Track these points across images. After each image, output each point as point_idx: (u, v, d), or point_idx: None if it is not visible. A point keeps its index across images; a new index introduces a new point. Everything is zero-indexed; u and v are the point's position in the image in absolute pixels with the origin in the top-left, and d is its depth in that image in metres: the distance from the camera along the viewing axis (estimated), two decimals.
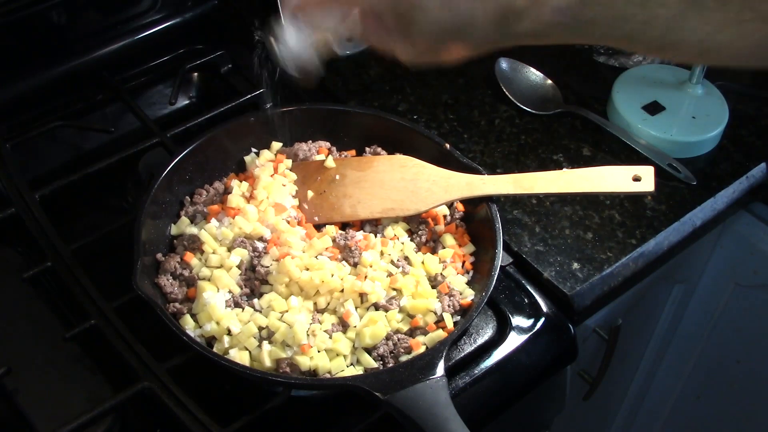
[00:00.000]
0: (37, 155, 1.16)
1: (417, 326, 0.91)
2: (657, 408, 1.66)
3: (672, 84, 1.24)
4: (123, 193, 1.12)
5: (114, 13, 1.26)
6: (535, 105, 1.24)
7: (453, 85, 1.28)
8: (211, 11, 1.34)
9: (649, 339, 1.46)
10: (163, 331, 0.84)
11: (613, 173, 0.95)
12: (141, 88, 1.26)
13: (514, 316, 0.98)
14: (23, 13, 1.15)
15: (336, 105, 1.16)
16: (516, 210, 1.11)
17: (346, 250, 0.96)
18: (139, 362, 0.85)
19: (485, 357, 0.94)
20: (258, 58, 0.93)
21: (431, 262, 0.96)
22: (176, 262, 0.93)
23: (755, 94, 1.31)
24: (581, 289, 1.03)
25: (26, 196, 0.99)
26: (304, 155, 1.06)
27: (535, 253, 1.06)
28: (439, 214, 1.01)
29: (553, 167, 1.16)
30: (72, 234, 0.96)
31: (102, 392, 0.86)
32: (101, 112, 1.23)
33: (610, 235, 1.09)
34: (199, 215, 0.99)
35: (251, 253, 0.94)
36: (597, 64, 1.32)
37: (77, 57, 1.22)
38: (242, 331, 0.87)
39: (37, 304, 0.94)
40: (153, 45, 1.28)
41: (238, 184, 1.01)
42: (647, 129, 1.18)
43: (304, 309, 0.90)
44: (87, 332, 0.88)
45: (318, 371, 0.86)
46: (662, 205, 1.13)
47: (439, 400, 0.79)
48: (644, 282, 1.11)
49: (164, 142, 1.08)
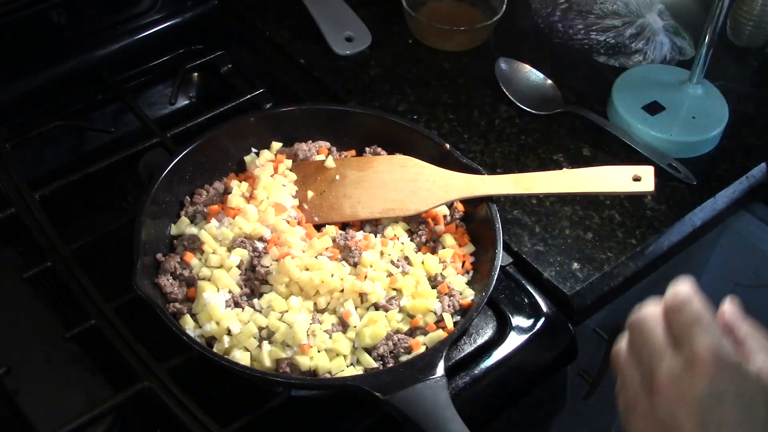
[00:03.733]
0: (37, 155, 1.16)
1: (417, 326, 0.91)
2: None
3: (672, 84, 1.24)
4: (123, 193, 1.12)
5: (114, 13, 1.26)
6: (535, 105, 1.24)
7: (453, 85, 1.28)
8: (211, 11, 1.34)
9: None
10: (163, 331, 0.84)
11: (613, 173, 0.95)
12: (141, 88, 1.26)
13: (514, 316, 0.98)
14: (23, 13, 1.15)
15: (336, 105, 1.16)
16: (516, 210, 1.11)
17: (346, 250, 0.96)
18: (139, 362, 0.85)
19: (485, 357, 0.94)
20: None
21: (431, 262, 0.96)
22: (176, 262, 0.93)
23: (755, 94, 1.31)
24: (581, 289, 1.03)
25: (26, 196, 0.99)
26: (304, 155, 1.06)
27: (535, 253, 1.06)
28: (439, 214, 1.01)
29: (553, 167, 1.16)
30: (72, 234, 0.96)
31: (102, 392, 0.86)
32: (101, 112, 1.22)
33: (610, 235, 1.09)
34: (199, 215, 0.99)
35: (251, 253, 0.94)
36: (597, 64, 1.32)
37: (77, 57, 1.22)
38: (242, 331, 0.87)
39: (37, 304, 0.94)
40: (153, 45, 1.28)
41: (238, 184, 1.01)
42: (647, 129, 1.18)
43: (304, 309, 0.90)
44: (87, 332, 0.88)
45: (318, 371, 0.86)
46: (662, 205, 1.13)
47: (439, 400, 0.79)
48: (644, 282, 1.11)
49: (164, 142, 1.08)
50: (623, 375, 0.70)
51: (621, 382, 0.71)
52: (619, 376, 0.71)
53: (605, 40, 1.29)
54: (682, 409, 0.64)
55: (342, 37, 1.31)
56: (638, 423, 0.68)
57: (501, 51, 1.31)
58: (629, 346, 0.70)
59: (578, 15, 1.30)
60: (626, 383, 0.69)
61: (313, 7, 1.34)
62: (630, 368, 0.69)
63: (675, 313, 0.67)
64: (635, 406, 0.68)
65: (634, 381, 0.69)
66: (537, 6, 1.35)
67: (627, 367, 0.70)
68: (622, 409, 0.71)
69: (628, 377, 0.69)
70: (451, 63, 1.31)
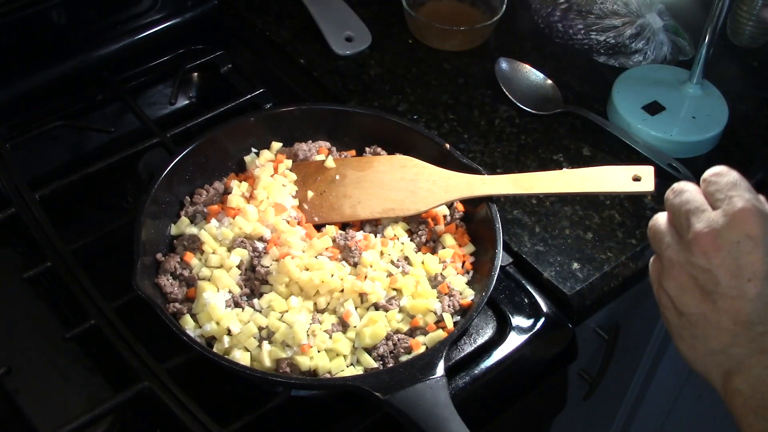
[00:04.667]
0: (37, 155, 1.16)
1: (417, 326, 0.91)
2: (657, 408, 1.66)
3: (672, 84, 1.24)
4: (123, 193, 1.12)
5: (114, 13, 1.26)
6: (535, 105, 1.24)
7: (453, 85, 1.28)
8: (211, 11, 1.34)
9: (649, 339, 1.46)
10: (163, 331, 0.84)
11: (613, 173, 0.94)
12: (141, 88, 1.26)
13: (514, 316, 0.98)
14: (23, 13, 1.15)
15: (336, 105, 1.16)
16: (516, 210, 1.11)
17: (346, 250, 0.96)
18: (139, 362, 0.85)
19: (485, 357, 0.94)
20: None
21: (431, 262, 0.96)
22: (176, 262, 0.93)
23: (755, 94, 1.31)
24: (581, 289, 1.03)
25: (26, 196, 0.99)
26: (304, 155, 1.06)
27: (535, 253, 1.06)
28: (439, 214, 1.01)
29: (553, 167, 1.16)
30: (72, 234, 0.96)
31: (102, 392, 0.86)
32: (101, 112, 1.23)
33: (610, 235, 1.09)
34: (199, 215, 0.99)
35: (251, 253, 0.94)
36: (597, 64, 1.32)
37: (77, 57, 1.22)
38: (242, 331, 0.87)
39: (37, 304, 0.94)
40: (153, 45, 1.28)
41: (238, 184, 1.01)
42: (647, 129, 1.18)
43: (304, 309, 0.90)
44: (87, 332, 0.88)
45: (318, 371, 0.86)
46: (662, 205, 1.12)
47: (439, 400, 0.79)
48: (644, 282, 1.11)
49: (164, 142, 1.08)
50: (660, 240, 0.75)
51: (657, 249, 0.76)
52: (655, 244, 0.76)
53: (605, 40, 1.29)
54: (718, 256, 0.70)
55: (342, 37, 1.31)
56: (672, 280, 0.73)
57: (501, 51, 1.31)
58: (668, 215, 0.76)
59: (578, 15, 1.30)
60: (663, 247, 0.74)
61: (313, 7, 1.34)
62: (668, 233, 0.75)
63: (715, 177, 0.73)
64: (671, 264, 0.73)
65: (671, 243, 0.74)
66: (537, 6, 1.35)
67: (665, 232, 0.75)
68: (655, 276, 0.76)
69: (666, 241, 0.74)
70: (451, 63, 1.31)
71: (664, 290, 0.75)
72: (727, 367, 0.72)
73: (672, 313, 0.75)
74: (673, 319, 0.75)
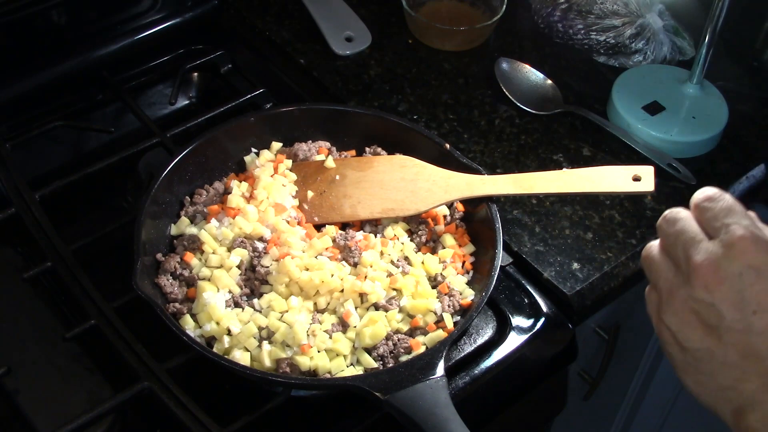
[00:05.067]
0: (37, 155, 1.16)
1: (417, 326, 0.91)
2: (657, 408, 1.66)
3: (672, 84, 1.24)
4: (123, 193, 1.12)
5: (114, 13, 1.26)
6: (535, 105, 1.24)
7: (453, 85, 1.28)
8: (211, 11, 1.34)
9: (649, 339, 1.46)
10: (163, 331, 0.84)
11: (613, 173, 0.94)
12: (141, 88, 1.26)
13: (514, 316, 0.98)
14: (23, 13, 1.15)
15: (336, 105, 1.16)
16: (516, 210, 1.11)
17: (346, 250, 0.96)
18: (139, 362, 0.85)
19: (485, 357, 0.94)
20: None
21: (431, 262, 0.96)
22: (176, 262, 0.93)
23: (755, 94, 1.31)
24: (581, 289, 1.03)
25: (26, 196, 0.99)
26: (304, 155, 1.06)
27: (535, 253, 1.06)
28: (439, 214, 1.01)
29: (553, 167, 1.16)
30: (72, 234, 0.97)
31: (102, 392, 0.86)
32: (101, 112, 1.23)
33: (610, 235, 1.09)
34: (199, 215, 0.99)
35: (251, 253, 0.94)
36: (597, 64, 1.32)
37: (77, 57, 1.22)
38: (242, 331, 0.87)
39: (37, 304, 0.94)
40: (153, 45, 1.28)
41: (238, 184, 1.01)
42: (647, 129, 1.18)
43: (304, 309, 0.90)
44: (87, 332, 0.88)
45: (318, 371, 0.86)
46: (662, 205, 1.13)
47: (439, 400, 0.79)
48: (644, 282, 1.11)
49: (164, 142, 1.08)
50: (656, 271, 0.72)
51: (653, 280, 0.72)
52: (651, 275, 0.73)
53: (605, 40, 1.29)
54: (720, 288, 0.66)
55: (342, 37, 1.31)
56: (673, 315, 0.70)
57: (501, 51, 1.31)
58: (661, 243, 0.72)
59: (578, 15, 1.30)
60: (660, 279, 0.71)
61: (313, 7, 1.35)
62: (663, 263, 0.71)
63: (709, 203, 0.69)
64: (670, 298, 0.69)
65: (668, 274, 0.70)
66: (537, 6, 1.35)
67: (660, 262, 0.71)
68: (654, 310, 0.72)
69: (662, 272, 0.71)
70: (451, 63, 1.31)
71: (665, 325, 0.71)
72: (737, 404, 0.68)
73: (675, 348, 0.71)
74: (676, 354, 0.72)
